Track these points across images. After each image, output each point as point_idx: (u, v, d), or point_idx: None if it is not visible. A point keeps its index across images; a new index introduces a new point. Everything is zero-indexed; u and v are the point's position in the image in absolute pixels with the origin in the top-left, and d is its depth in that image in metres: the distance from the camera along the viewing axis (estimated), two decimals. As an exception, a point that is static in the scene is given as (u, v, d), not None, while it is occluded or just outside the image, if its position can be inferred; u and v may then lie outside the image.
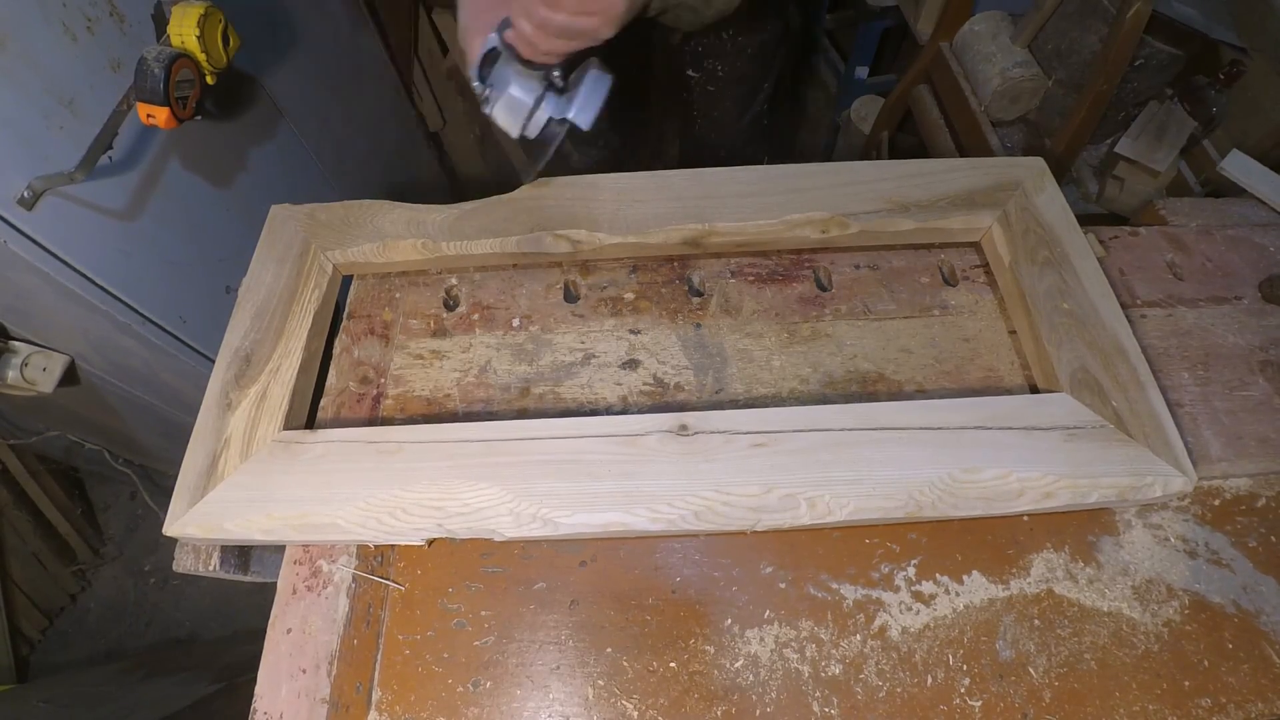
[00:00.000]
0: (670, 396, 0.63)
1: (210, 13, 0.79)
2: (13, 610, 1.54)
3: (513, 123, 0.63)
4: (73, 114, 0.81)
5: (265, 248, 0.69)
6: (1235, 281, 0.70)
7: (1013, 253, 0.65)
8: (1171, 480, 0.53)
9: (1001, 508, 0.53)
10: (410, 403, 0.63)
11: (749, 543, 0.57)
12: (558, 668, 0.52)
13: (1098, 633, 0.53)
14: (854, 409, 0.56)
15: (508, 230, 0.68)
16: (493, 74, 0.62)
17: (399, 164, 1.70)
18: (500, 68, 0.62)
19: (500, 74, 0.62)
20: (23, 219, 0.78)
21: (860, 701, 0.51)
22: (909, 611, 0.54)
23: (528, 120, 0.63)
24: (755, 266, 0.70)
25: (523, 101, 0.62)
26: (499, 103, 0.62)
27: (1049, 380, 0.60)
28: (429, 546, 0.57)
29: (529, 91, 0.61)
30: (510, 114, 0.62)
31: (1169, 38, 1.33)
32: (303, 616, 0.55)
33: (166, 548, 1.74)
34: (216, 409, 0.59)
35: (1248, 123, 1.37)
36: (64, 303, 0.88)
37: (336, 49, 1.37)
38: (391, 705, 0.51)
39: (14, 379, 0.97)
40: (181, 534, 0.54)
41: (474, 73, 0.63)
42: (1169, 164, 1.42)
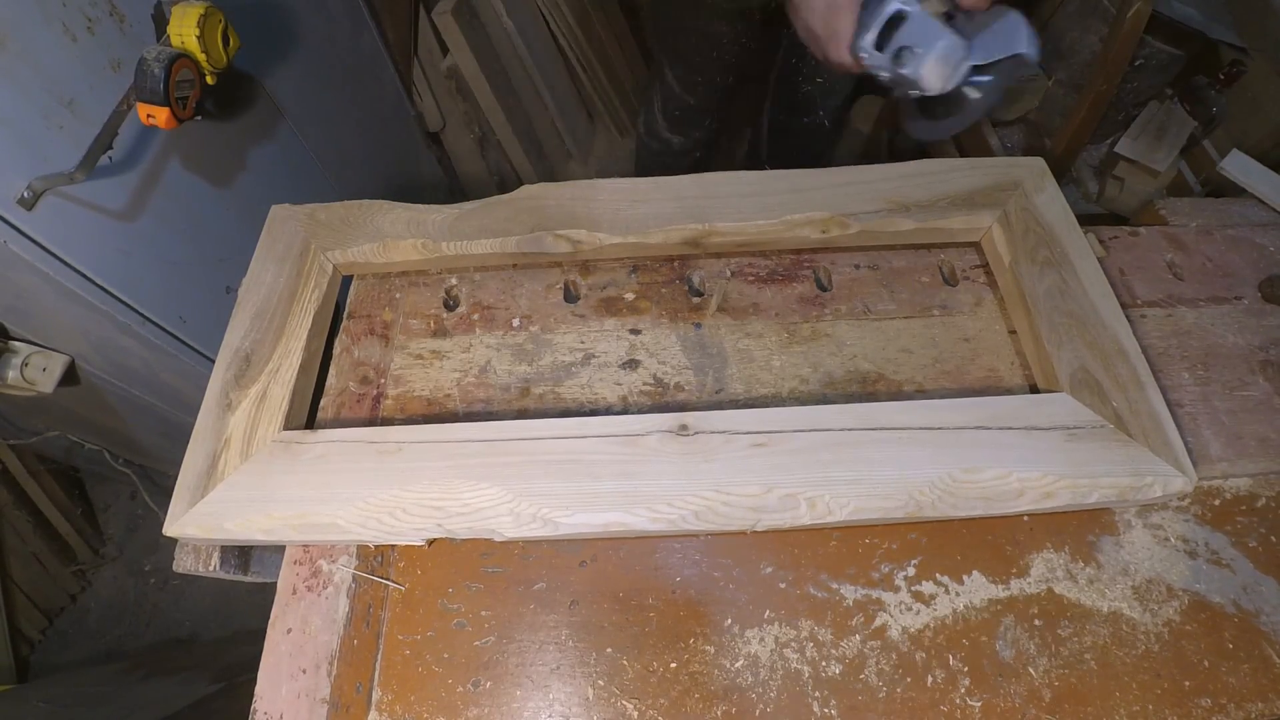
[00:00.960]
0: (670, 396, 0.63)
1: (210, 13, 0.79)
2: (13, 610, 1.54)
3: (943, 76, 0.63)
4: (73, 114, 0.81)
5: (265, 248, 0.69)
6: (1235, 281, 0.70)
7: (1013, 253, 0.65)
8: (1171, 480, 0.53)
9: (1001, 508, 0.53)
10: (410, 403, 0.63)
11: (749, 543, 0.57)
12: (558, 668, 0.52)
13: (1098, 633, 0.53)
14: (854, 409, 0.56)
15: (508, 230, 0.68)
16: (899, 36, 0.63)
17: (399, 164, 1.70)
18: (914, 26, 0.62)
19: (917, 32, 0.62)
20: (23, 219, 0.78)
21: (860, 701, 0.51)
22: (909, 611, 0.54)
23: (954, 72, 0.63)
24: (755, 266, 0.70)
25: (957, 51, 0.62)
26: (928, 58, 0.62)
27: (1049, 380, 0.60)
28: (429, 546, 0.57)
29: (961, 41, 0.62)
30: (944, 66, 0.62)
31: (1169, 38, 1.33)
32: (303, 616, 0.55)
33: (166, 548, 1.75)
34: (216, 409, 0.59)
35: (1248, 123, 1.37)
36: (64, 303, 0.88)
37: (336, 49, 1.37)
38: (391, 705, 0.51)
39: (14, 379, 0.97)
40: (181, 534, 0.54)
41: (870, 39, 0.64)
42: (1169, 164, 1.42)
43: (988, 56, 0.62)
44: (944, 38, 0.61)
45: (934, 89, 0.64)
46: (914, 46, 0.63)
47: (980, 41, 0.63)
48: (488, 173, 2.00)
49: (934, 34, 0.62)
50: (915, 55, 0.63)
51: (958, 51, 0.62)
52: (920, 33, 0.62)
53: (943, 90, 0.64)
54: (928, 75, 0.63)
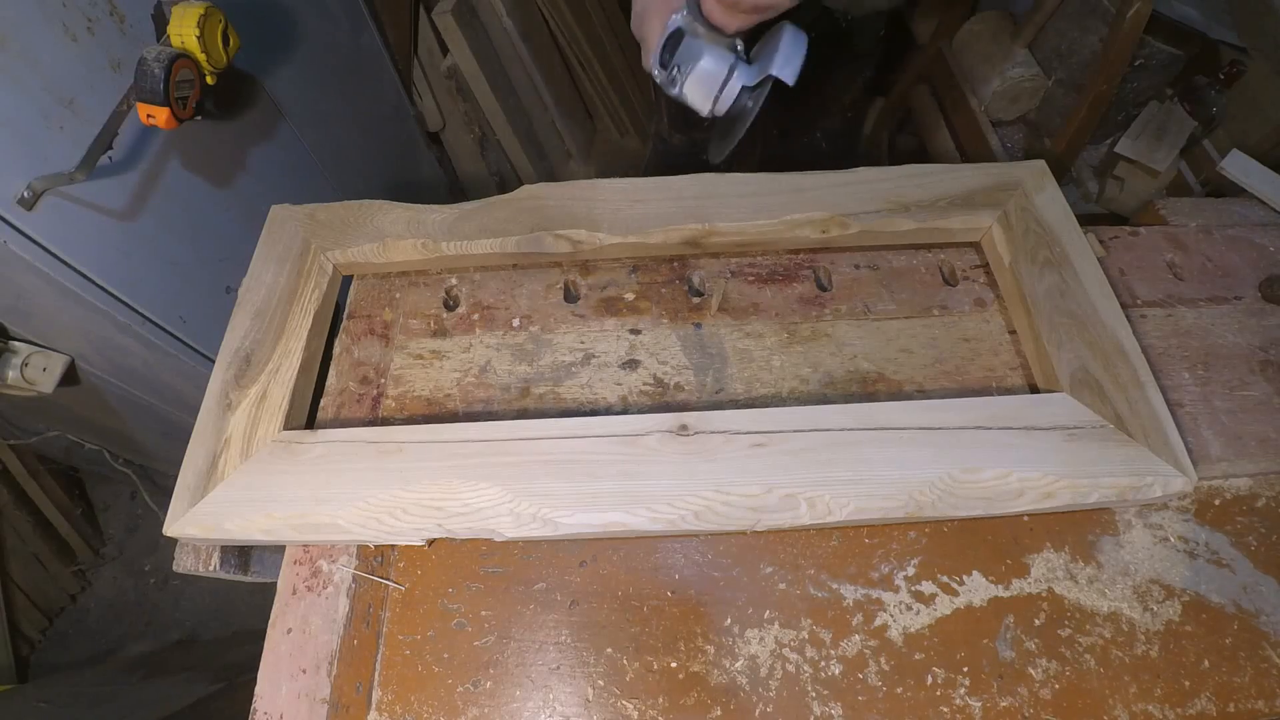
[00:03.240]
0: (670, 396, 0.63)
1: (210, 13, 0.79)
2: (13, 610, 1.54)
3: (705, 96, 0.62)
4: (73, 114, 0.81)
5: (265, 248, 0.69)
6: (1235, 281, 0.70)
7: (1013, 253, 0.65)
8: (1171, 480, 0.53)
9: (1001, 508, 0.53)
10: (410, 403, 0.63)
11: (749, 543, 0.57)
12: (558, 668, 0.52)
13: (1098, 633, 0.53)
14: (854, 409, 0.56)
15: (508, 230, 0.68)
16: (677, 54, 0.63)
17: (399, 164, 1.70)
18: (686, 45, 0.62)
19: (687, 51, 0.62)
20: (23, 219, 0.78)
21: (860, 701, 0.51)
22: (909, 611, 0.54)
23: (719, 94, 0.62)
24: (755, 266, 0.70)
25: (715, 73, 0.61)
26: (690, 78, 0.62)
27: (1049, 380, 0.60)
28: (429, 546, 0.57)
29: (721, 61, 0.61)
30: (703, 87, 0.62)
31: (1169, 38, 1.33)
32: (303, 616, 0.55)
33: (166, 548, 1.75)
34: (216, 409, 0.59)
35: (1248, 123, 1.37)
36: (64, 303, 0.88)
37: (336, 49, 1.37)
38: (391, 705, 0.51)
39: (14, 379, 0.97)
40: (181, 534, 0.54)
41: (655, 57, 0.64)
42: (1169, 164, 1.42)
43: (755, 78, 0.61)
44: (703, 58, 0.61)
45: (701, 108, 0.63)
46: (682, 65, 0.62)
47: (757, 61, 0.62)
48: (488, 173, 2.00)
49: (696, 53, 0.61)
50: (681, 74, 0.62)
51: (717, 72, 0.61)
52: (688, 51, 0.62)
53: (713, 111, 0.63)
54: (690, 94, 0.63)
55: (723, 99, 0.62)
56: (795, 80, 0.59)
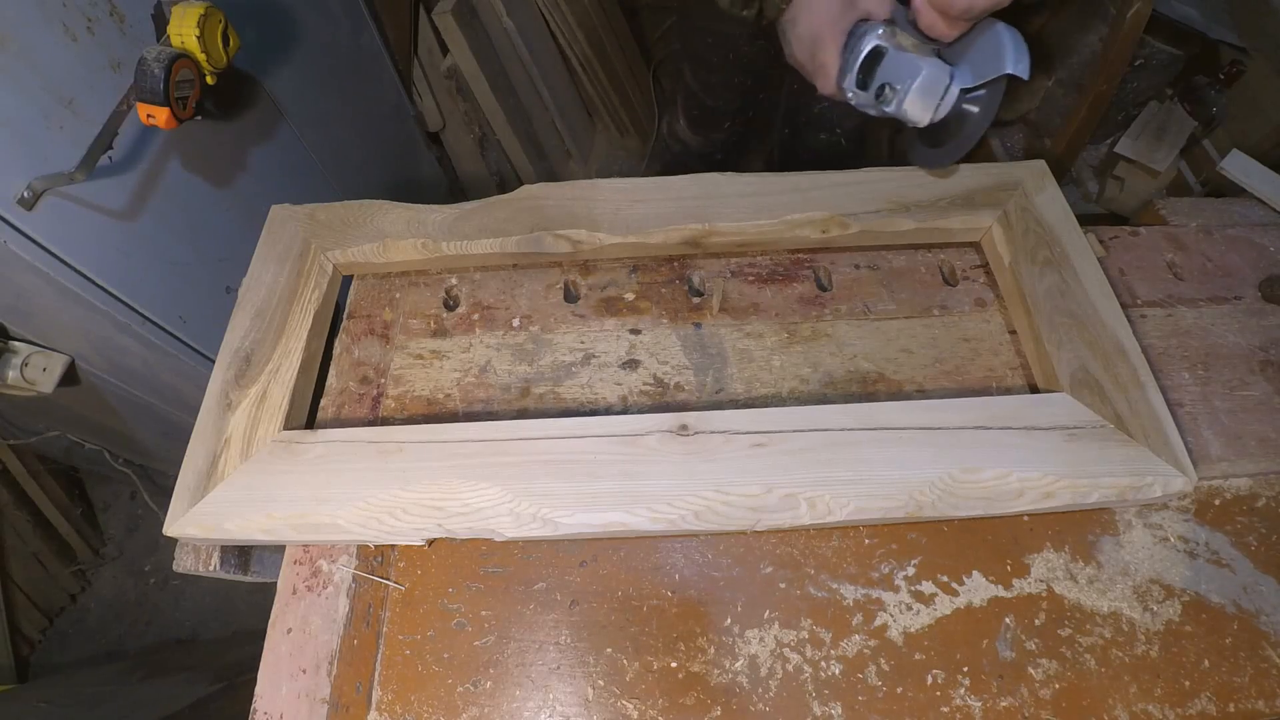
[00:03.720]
0: (670, 396, 0.63)
1: (210, 13, 0.79)
2: (13, 610, 1.54)
3: (927, 108, 0.61)
4: (73, 114, 0.81)
5: (265, 248, 0.69)
6: (1235, 281, 0.70)
7: (1013, 253, 0.65)
8: (1171, 480, 0.53)
9: (1001, 508, 0.53)
10: (410, 403, 0.63)
11: (749, 543, 0.57)
12: (558, 668, 0.52)
13: (1098, 633, 0.53)
14: (854, 409, 0.56)
15: (508, 230, 0.68)
16: (880, 72, 0.62)
17: (399, 164, 1.70)
18: (892, 61, 0.61)
19: (895, 68, 0.61)
20: (23, 219, 0.78)
21: (860, 701, 0.51)
22: (909, 611, 0.54)
23: (939, 104, 0.61)
24: (755, 266, 0.70)
25: (938, 83, 0.60)
26: (911, 93, 0.61)
27: (1049, 380, 0.60)
28: (429, 546, 0.57)
29: (941, 71, 0.60)
30: (927, 99, 0.61)
31: (1169, 38, 1.33)
32: (303, 616, 0.55)
33: (166, 548, 1.75)
34: (216, 409, 0.59)
35: (1248, 123, 1.37)
36: (64, 303, 0.88)
37: (336, 49, 1.37)
38: (391, 705, 0.51)
39: (14, 379, 0.97)
40: (181, 534, 0.54)
41: (852, 79, 0.63)
42: (1169, 164, 1.42)
43: (976, 79, 0.61)
44: (922, 71, 0.60)
45: (922, 121, 0.62)
46: (894, 83, 0.61)
47: (968, 62, 0.61)
48: (488, 173, 2.00)
49: (912, 68, 0.60)
50: (896, 91, 0.61)
51: (939, 82, 0.60)
52: (898, 68, 0.61)
53: (933, 121, 0.62)
54: (911, 110, 0.62)
55: (942, 107, 0.62)
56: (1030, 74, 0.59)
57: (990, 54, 0.59)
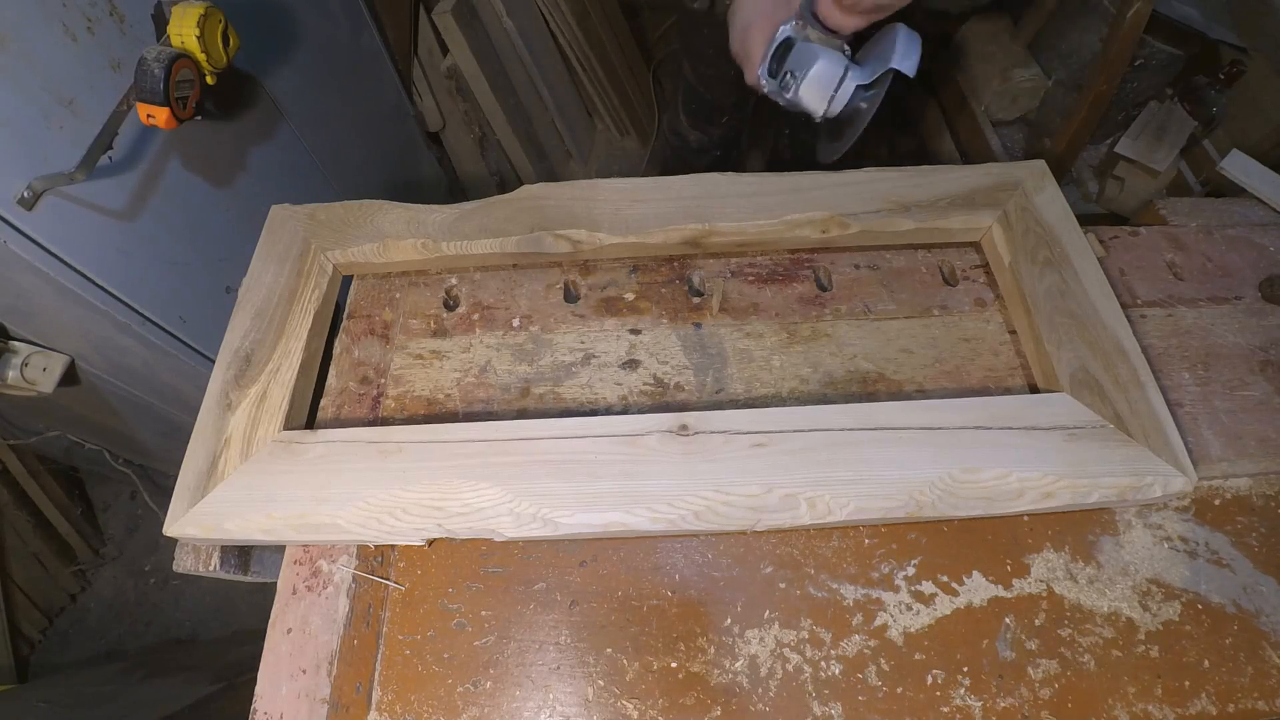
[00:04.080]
0: (670, 396, 0.63)
1: (210, 13, 0.79)
2: (13, 610, 1.54)
3: (821, 98, 0.64)
4: (73, 114, 0.81)
5: (265, 248, 0.69)
6: (1235, 281, 0.70)
7: (1013, 253, 0.65)
8: (1171, 480, 0.53)
9: (1001, 508, 0.53)
10: (410, 403, 0.63)
11: (749, 543, 0.57)
12: (558, 668, 0.52)
13: (1098, 633, 0.53)
14: (854, 409, 0.56)
15: (508, 230, 0.68)
16: (788, 62, 0.65)
17: (399, 164, 1.70)
18: (798, 52, 0.64)
19: (799, 58, 0.64)
20: (23, 219, 0.78)
21: (860, 701, 0.51)
22: (909, 611, 0.54)
23: (834, 94, 0.64)
24: (755, 266, 0.70)
25: (831, 74, 0.63)
26: (805, 81, 0.64)
27: (1049, 380, 0.60)
28: (429, 546, 0.57)
29: (836, 63, 0.63)
30: (820, 89, 0.64)
31: (1169, 38, 1.33)
32: (303, 616, 0.55)
33: (166, 548, 1.75)
34: (216, 409, 0.59)
35: (1248, 123, 1.37)
36: (64, 303, 0.88)
37: (336, 49, 1.37)
38: (391, 705, 0.51)
39: (14, 379, 0.97)
40: (181, 534, 0.54)
41: (764, 68, 0.66)
42: (1169, 164, 1.42)
43: (870, 76, 0.63)
44: (818, 61, 0.63)
45: (816, 111, 0.65)
46: (795, 71, 0.64)
47: (868, 61, 0.64)
48: (488, 173, 2.00)
49: (810, 58, 0.63)
50: (795, 79, 0.64)
51: (833, 73, 0.63)
52: (801, 58, 0.64)
53: (829, 112, 0.65)
54: (805, 97, 0.65)
55: (837, 99, 0.64)
56: (915, 72, 0.61)
57: (884, 51, 0.62)
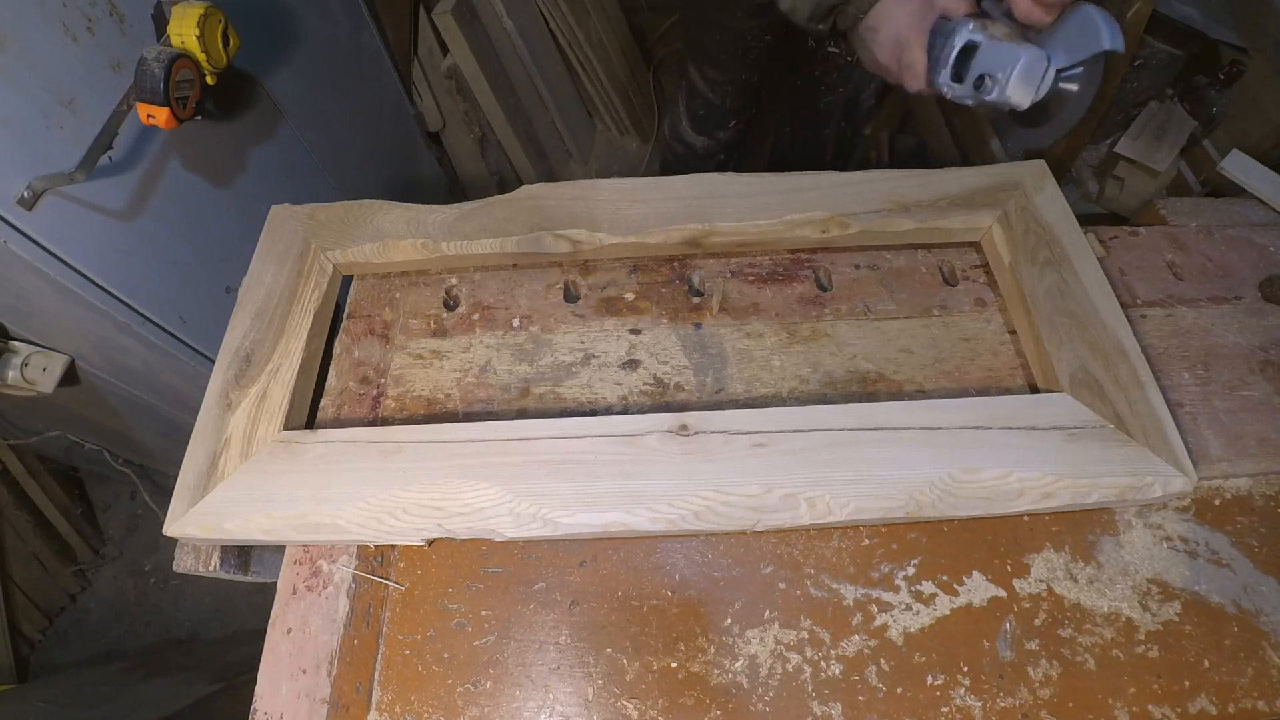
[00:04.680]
0: (670, 396, 0.63)
1: (210, 13, 0.79)
2: (13, 610, 1.54)
3: (1029, 92, 0.62)
4: (73, 114, 0.81)
5: (265, 248, 0.69)
6: (1235, 281, 0.70)
7: (1013, 253, 0.65)
8: (1171, 480, 0.53)
9: (1001, 508, 0.53)
10: (410, 403, 0.63)
11: (749, 543, 0.57)
12: (558, 668, 0.52)
13: (1098, 633, 0.53)
14: (854, 409, 0.56)
15: (508, 230, 0.68)
16: (975, 65, 0.63)
17: (399, 164, 1.70)
18: (986, 52, 0.62)
19: (991, 58, 0.62)
20: (23, 219, 0.78)
21: (860, 701, 0.51)
22: (909, 611, 0.54)
23: (1039, 85, 0.62)
24: (755, 266, 0.70)
25: (1037, 68, 0.61)
26: (1013, 80, 0.62)
27: (1049, 380, 0.60)
28: (429, 546, 0.57)
29: (1039, 55, 0.61)
30: (1028, 84, 0.62)
31: (1169, 38, 1.33)
32: (303, 616, 0.55)
33: (166, 548, 1.75)
34: (216, 409, 0.59)
35: (1248, 123, 1.37)
36: (64, 303, 0.88)
37: (336, 49, 1.37)
38: (391, 705, 0.51)
39: (14, 379, 0.97)
40: (181, 534, 0.54)
41: (946, 74, 0.64)
42: (1169, 164, 1.42)
43: (1071, 58, 0.62)
44: (1021, 57, 0.61)
45: (1024, 105, 0.63)
46: (993, 72, 0.62)
47: (1059, 43, 0.62)
48: (488, 173, 2.00)
49: (1009, 56, 0.61)
50: (997, 81, 0.62)
51: (1038, 65, 0.61)
52: (995, 58, 0.62)
53: (1035, 102, 0.63)
54: (1014, 95, 0.62)
55: (1042, 88, 0.62)
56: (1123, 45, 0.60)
57: (1084, 33, 0.61)
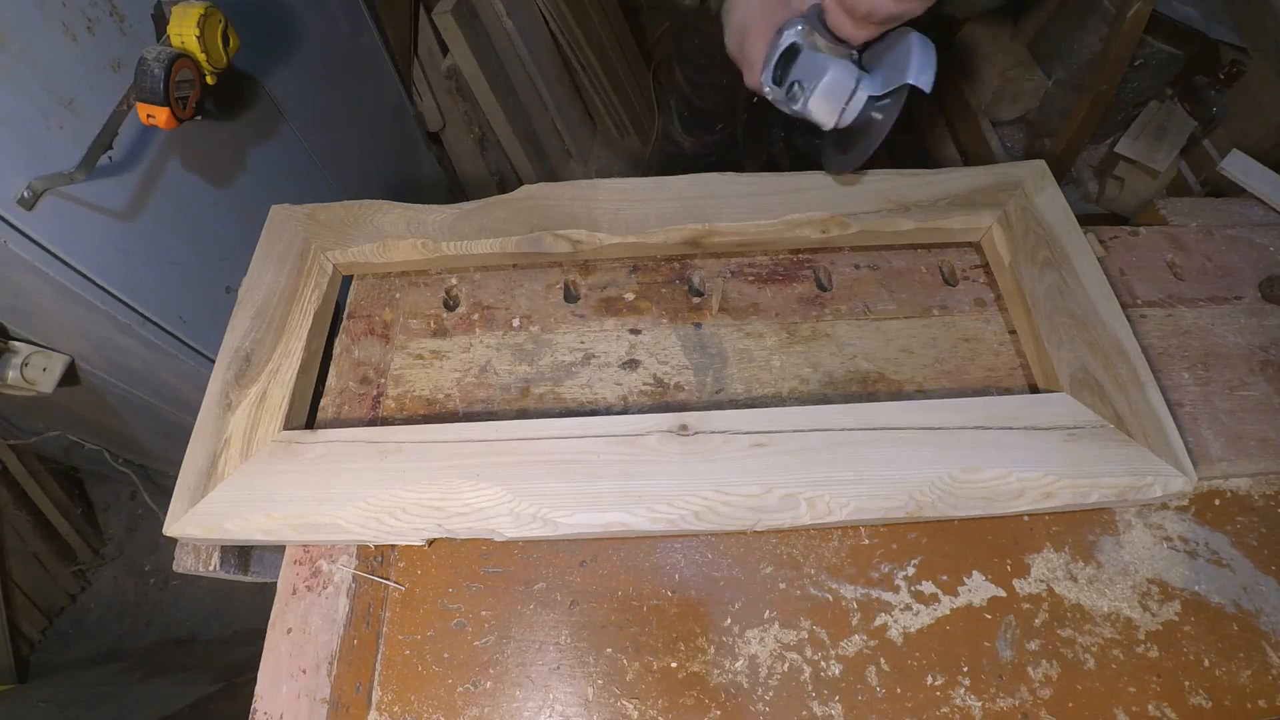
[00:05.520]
0: (670, 396, 0.63)
1: (210, 13, 0.79)
2: (13, 610, 1.54)
3: (832, 110, 0.61)
4: (73, 114, 0.81)
5: (265, 248, 0.69)
6: (1235, 281, 0.70)
7: (1013, 253, 0.65)
8: (1171, 480, 0.53)
9: (1001, 508, 0.53)
10: (410, 403, 0.63)
11: (749, 543, 0.57)
12: (558, 668, 0.52)
13: (1098, 633, 0.53)
14: (854, 409, 0.56)
15: (508, 230, 0.68)
16: (794, 70, 0.62)
17: (399, 164, 1.70)
18: (805, 60, 0.61)
19: (807, 66, 0.61)
20: (23, 219, 0.78)
21: (860, 701, 0.51)
22: (909, 611, 0.54)
23: (845, 107, 0.61)
24: (755, 266, 0.70)
25: (843, 86, 0.60)
26: (816, 93, 0.60)
27: (1049, 380, 0.60)
28: (429, 546, 0.57)
29: (848, 74, 0.60)
30: (830, 101, 0.60)
31: (1169, 38, 1.33)
32: (303, 616, 0.55)
33: (166, 548, 1.75)
34: (216, 409, 0.59)
35: (1248, 123, 1.37)
36: (64, 303, 0.88)
37: (336, 49, 1.37)
38: (391, 705, 0.51)
39: (14, 379, 0.97)
40: (181, 534, 0.54)
41: (768, 74, 0.63)
42: (1169, 164, 1.42)
43: (884, 87, 0.60)
44: (829, 72, 0.59)
45: (826, 123, 0.62)
46: (803, 81, 0.61)
47: (880, 70, 0.61)
48: (488, 173, 2.00)
49: (820, 68, 0.60)
50: (804, 90, 0.61)
51: (844, 84, 0.60)
52: (810, 67, 0.61)
53: (838, 124, 0.62)
54: (816, 110, 0.61)
55: (848, 111, 0.61)
56: (931, 88, 0.58)
57: (899, 63, 0.59)
